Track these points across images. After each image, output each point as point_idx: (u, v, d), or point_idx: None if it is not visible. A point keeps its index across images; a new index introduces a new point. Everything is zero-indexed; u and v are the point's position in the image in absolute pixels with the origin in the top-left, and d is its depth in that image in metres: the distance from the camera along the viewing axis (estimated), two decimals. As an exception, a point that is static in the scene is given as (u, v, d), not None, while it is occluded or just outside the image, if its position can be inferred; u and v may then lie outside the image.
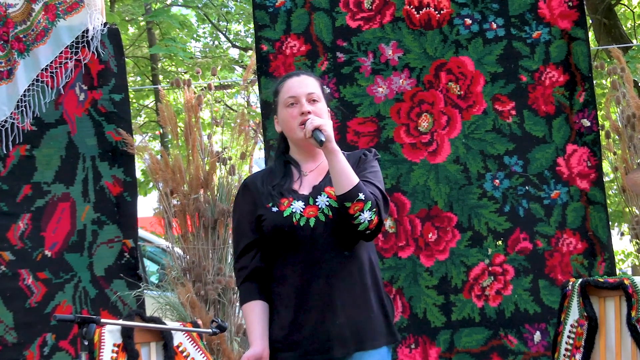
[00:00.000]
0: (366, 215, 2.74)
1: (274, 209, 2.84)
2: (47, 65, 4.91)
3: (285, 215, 2.81)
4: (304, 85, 2.93)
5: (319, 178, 2.91)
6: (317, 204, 2.82)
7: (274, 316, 2.87)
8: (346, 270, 2.81)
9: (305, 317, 2.79)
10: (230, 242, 4.81)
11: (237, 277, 2.94)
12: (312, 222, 2.79)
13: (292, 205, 2.83)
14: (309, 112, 2.87)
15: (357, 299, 2.80)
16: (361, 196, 2.73)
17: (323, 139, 2.75)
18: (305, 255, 2.80)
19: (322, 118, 2.89)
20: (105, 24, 4.98)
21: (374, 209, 2.75)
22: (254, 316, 2.86)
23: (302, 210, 2.81)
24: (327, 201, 2.82)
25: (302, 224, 2.79)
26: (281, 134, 3.02)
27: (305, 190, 2.88)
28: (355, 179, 2.76)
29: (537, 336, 4.57)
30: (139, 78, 13.85)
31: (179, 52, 10.12)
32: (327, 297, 2.77)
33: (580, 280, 3.69)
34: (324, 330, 2.77)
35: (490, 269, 4.63)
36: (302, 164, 2.95)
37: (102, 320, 2.91)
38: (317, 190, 2.86)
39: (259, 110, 5.14)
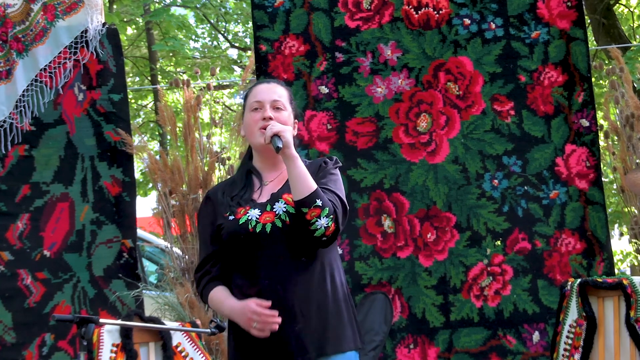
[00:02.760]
0: (323, 222, 2.73)
1: (231, 218, 2.83)
2: (45, 66, 4.91)
3: (240, 222, 2.81)
4: (271, 92, 2.93)
5: (278, 186, 2.91)
6: (274, 210, 2.82)
7: (233, 323, 2.86)
8: (304, 276, 2.79)
9: None
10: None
11: (198, 284, 2.94)
12: (268, 228, 2.79)
13: (248, 213, 2.82)
14: (270, 118, 2.86)
15: (315, 305, 2.78)
16: (318, 202, 2.72)
17: (280, 146, 2.74)
18: (262, 262, 2.79)
19: (285, 125, 2.88)
20: (104, 24, 4.98)
21: (331, 216, 2.74)
22: (226, 294, 2.84)
23: (257, 217, 2.81)
24: (285, 207, 2.81)
25: (257, 230, 2.79)
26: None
27: (263, 198, 2.88)
28: (313, 185, 2.75)
29: (536, 336, 4.57)
30: (137, 78, 13.85)
31: (182, 49, 10.14)
32: (284, 303, 2.75)
33: (579, 280, 3.69)
34: (283, 336, 2.75)
35: (489, 269, 4.63)
36: (263, 173, 2.95)
37: (101, 320, 2.90)
38: (274, 197, 2.86)
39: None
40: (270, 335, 2.74)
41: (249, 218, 2.81)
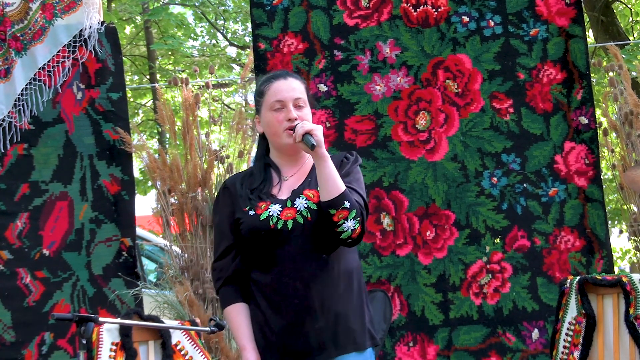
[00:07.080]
0: (350, 224, 2.72)
1: (251, 213, 2.81)
2: (44, 64, 4.91)
3: (262, 218, 2.79)
4: (291, 90, 2.88)
5: (298, 182, 2.88)
6: (295, 206, 2.80)
7: (252, 319, 2.85)
8: (324, 274, 2.78)
9: (284, 320, 2.77)
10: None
11: (217, 278, 2.91)
12: (289, 225, 2.77)
13: (269, 208, 2.80)
14: (296, 119, 2.84)
15: (335, 303, 2.78)
16: (346, 204, 2.71)
17: (314, 143, 2.72)
18: (283, 258, 2.77)
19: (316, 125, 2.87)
20: (102, 23, 4.98)
21: (358, 218, 2.73)
22: (241, 318, 2.84)
23: (279, 212, 2.78)
24: (306, 203, 2.79)
25: (279, 226, 2.77)
26: (262, 135, 2.98)
27: (284, 194, 2.85)
28: (342, 186, 2.73)
29: (535, 334, 4.58)
30: (136, 77, 13.85)
31: (181, 48, 10.15)
32: (305, 301, 2.75)
33: (578, 277, 3.69)
34: (303, 334, 2.75)
35: (488, 266, 4.63)
36: (282, 168, 2.92)
37: (100, 319, 2.90)
38: (295, 193, 2.84)
39: (256, 108, 5.13)
40: (290, 332, 2.75)
41: (270, 214, 2.79)
